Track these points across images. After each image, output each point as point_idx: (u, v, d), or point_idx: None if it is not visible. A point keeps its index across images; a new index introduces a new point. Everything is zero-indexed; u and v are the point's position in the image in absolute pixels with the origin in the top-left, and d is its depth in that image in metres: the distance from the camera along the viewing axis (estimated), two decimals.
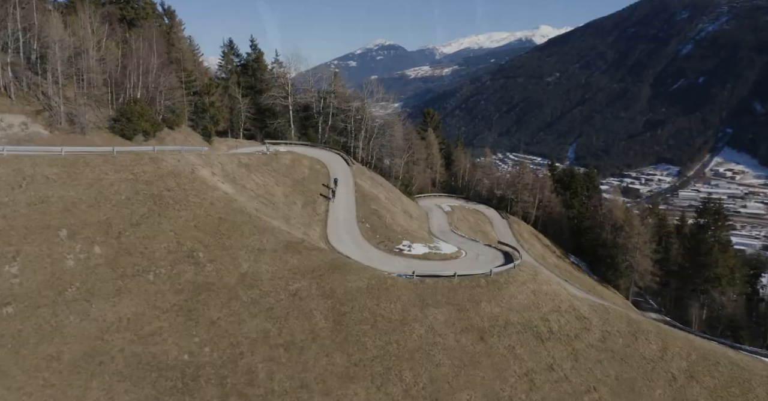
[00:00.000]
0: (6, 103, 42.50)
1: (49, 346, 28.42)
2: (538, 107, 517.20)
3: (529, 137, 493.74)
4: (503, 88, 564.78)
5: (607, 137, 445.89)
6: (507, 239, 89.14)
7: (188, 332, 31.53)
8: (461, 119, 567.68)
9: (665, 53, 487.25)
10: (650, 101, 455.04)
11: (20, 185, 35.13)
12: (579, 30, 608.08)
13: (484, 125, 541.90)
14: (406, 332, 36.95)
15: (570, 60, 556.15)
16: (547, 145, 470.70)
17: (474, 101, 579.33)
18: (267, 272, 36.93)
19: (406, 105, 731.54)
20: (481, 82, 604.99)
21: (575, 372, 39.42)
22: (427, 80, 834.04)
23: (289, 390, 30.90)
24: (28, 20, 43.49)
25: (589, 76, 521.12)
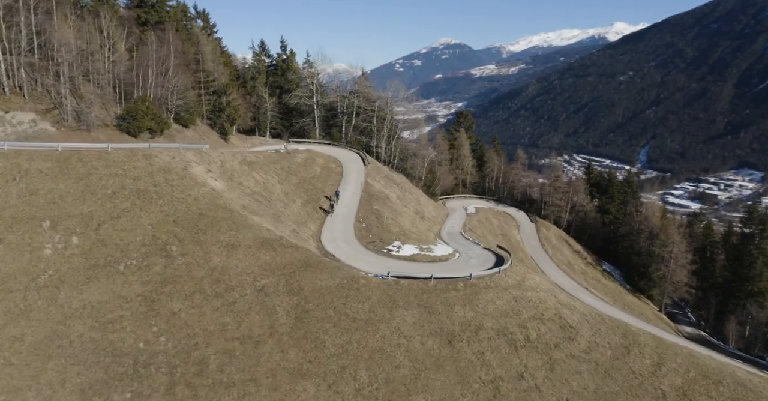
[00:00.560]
0: (19, 101, 45.81)
1: (15, 328, 30.57)
2: (608, 107, 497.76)
3: (598, 139, 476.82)
4: (572, 88, 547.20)
5: (684, 139, 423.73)
6: (532, 243, 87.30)
7: (147, 321, 33.01)
8: (526, 119, 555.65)
9: (751, 51, 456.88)
10: (732, 102, 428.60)
11: (14, 178, 37.87)
12: (656, 26, 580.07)
13: (549, 126, 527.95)
14: (370, 332, 37.03)
15: (645, 58, 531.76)
16: (616, 147, 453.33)
17: (540, 101, 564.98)
18: (236, 268, 38.03)
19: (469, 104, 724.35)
20: (549, 81, 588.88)
21: (548, 382, 38.20)
22: (492, 79, 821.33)
23: (237, 382, 31.76)
24: (43, 24, 46.63)
25: (665, 75, 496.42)
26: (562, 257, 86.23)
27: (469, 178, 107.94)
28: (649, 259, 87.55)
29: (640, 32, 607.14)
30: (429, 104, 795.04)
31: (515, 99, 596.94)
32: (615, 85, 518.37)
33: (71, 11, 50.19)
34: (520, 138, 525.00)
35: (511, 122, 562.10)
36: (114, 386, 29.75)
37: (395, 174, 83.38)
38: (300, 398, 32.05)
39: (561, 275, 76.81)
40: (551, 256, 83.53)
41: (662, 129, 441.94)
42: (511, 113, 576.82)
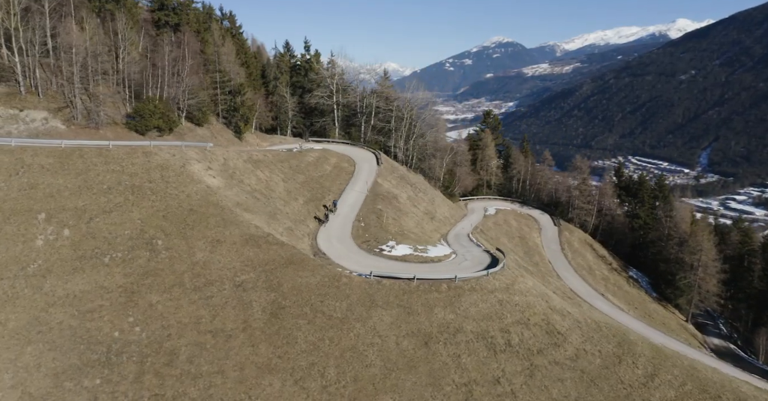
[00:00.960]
0: (34, 100, 48.52)
1: (0, 314, 32.52)
2: (667, 108, 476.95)
3: (655, 140, 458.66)
4: (628, 87, 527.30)
5: (749, 142, 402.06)
6: (552, 247, 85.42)
7: (125, 312, 34.45)
8: (579, 119, 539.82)
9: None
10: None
11: (17, 172, 40.21)
12: (722, 23, 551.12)
13: (604, 127, 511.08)
14: (344, 330, 37.35)
15: (709, 56, 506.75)
16: (675, 149, 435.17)
17: (595, 101, 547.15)
18: (218, 263, 39.11)
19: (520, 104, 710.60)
20: (605, 80, 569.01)
21: (526, 388, 37.52)
22: (545, 78, 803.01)
23: (204, 374, 32.74)
24: (57, 27, 49.18)
25: (730, 74, 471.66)
26: (583, 262, 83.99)
27: (494, 179, 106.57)
28: (676, 266, 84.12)
29: (705, 29, 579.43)
30: (479, 104, 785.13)
31: (568, 99, 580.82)
32: (675, 85, 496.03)
33: (87, 14, 52.55)
34: (572, 139, 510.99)
35: (564, 123, 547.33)
36: (86, 372, 31.24)
37: (412, 174, 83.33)
38: (265, 392, 32.72)
39: (577, 281, 74.87)
40: (570, 260, 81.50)
41: (726, 131, 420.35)
42: (563, 113, 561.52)
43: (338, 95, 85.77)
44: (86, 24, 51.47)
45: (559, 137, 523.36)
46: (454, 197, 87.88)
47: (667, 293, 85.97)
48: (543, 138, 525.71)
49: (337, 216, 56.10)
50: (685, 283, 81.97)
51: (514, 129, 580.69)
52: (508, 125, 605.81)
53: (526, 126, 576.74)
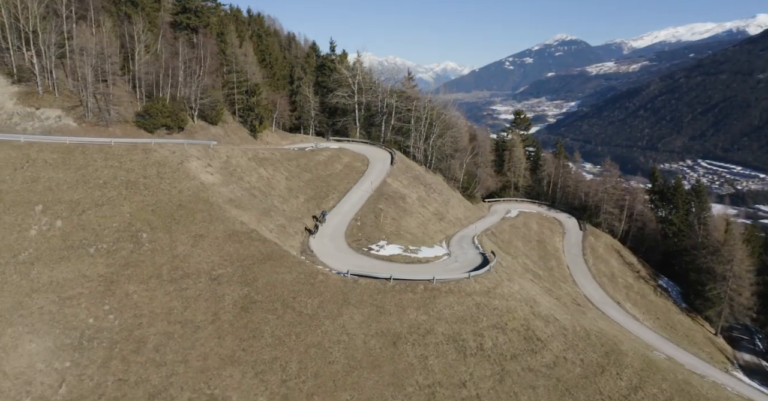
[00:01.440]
0: (50, 99, 51.82)
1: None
2: (742, 109, 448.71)
3: (728, 143, 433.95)
4: (700, 87, 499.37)
5: None
6: (573, 251, 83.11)
7: (102, 300, 36.40)
8: (645, 119, 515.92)
9: None
10: None
11: (22, 166, 43.15)
12: None
13: (672, 128, 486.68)
14: (312, 327, 38.00)
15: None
16: (751, 152, 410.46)
17: (662, 101, 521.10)
18: (198, 256, 40.60)
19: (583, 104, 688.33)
20: (674, 79, 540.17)
21: (493, 393, 37.02)
22: (610, 77, 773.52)
23: (168, 362, 34.18)
24: (72, 30, 52.30)
25: None
26: (605, 269, 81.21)
27: (521, 181, 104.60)
28: (707, 276, 79.98)
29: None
30: (538, 103, 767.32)
31: (634, 98, 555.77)
32: (752, 84, 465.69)
33: (104, 17, 55.51)
34: (637, 140, 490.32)
35: (628, 123, 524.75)
36: (57, 354, 33.28)
37: (430, 175, 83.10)
38: (224, 383, 33.82)
39: (593, 287, 72.53)
40: (590, 266, 79.00)
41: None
42: (628, 114, 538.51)
43: (360, 95, 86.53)
44: (102, 27, 54.38)
45: (623, 138, 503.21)
46: (473, 199, 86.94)
47: (697, 304, 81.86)
48: (605, 139, 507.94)
49: (336, 214, 56.84)
50: (714, 294, 77.85)
51: (574, 130, 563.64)
52: (569, 125, 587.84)
53: (588, 127, 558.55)
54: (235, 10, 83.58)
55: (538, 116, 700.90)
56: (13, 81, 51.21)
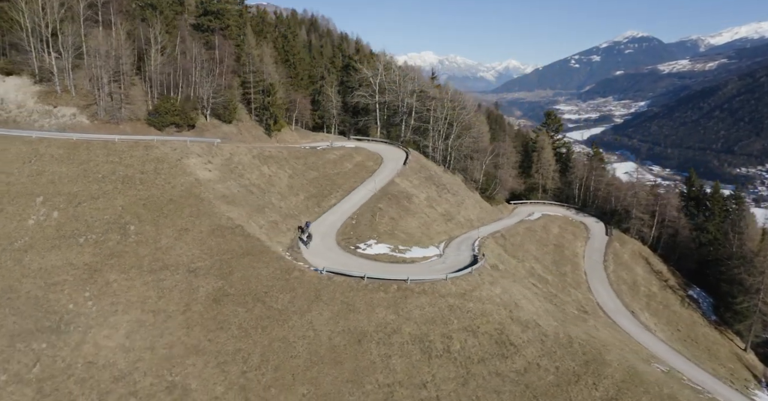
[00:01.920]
0: (67, 98, 55.30)
1: None
2: None
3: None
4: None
5: None
6: (594, 257, 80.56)
7: (83, 287, 38.69)
8: (721, 121, 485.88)
9: None
10: None
11: (30, 160, 46.39)
12: None
13: (750, 130, 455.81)
14: (280, 321, 38.96)
15: None
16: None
17: (741, 101, 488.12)
18: (180, 249, 42.39)
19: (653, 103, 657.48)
20: (755, 78, 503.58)
21: (454, 395, 36.84)
22: (684, 76, 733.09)
23: (136, 348, 35.99)
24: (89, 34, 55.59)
25: None
26: (627, 276, 78.18)
27: (550, 183, 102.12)
28: (738, 288, 75.64)
29: None
30: (605, 103, 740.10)
31: (709, 98, 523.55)
32: None
33: (122, 20, 58.62)
34: (711, 143, 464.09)
35: (702, 125, 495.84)
36: (36, 336, 35.71)
37: (448, 175, 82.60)
38: (185, 370, 35.28)
39: (609, 294, 70.05)
40: (609, 273, 76.26)
41: None
42: (702, 114, 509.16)
43: (381, 95, 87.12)
44: (119, 30, 57.48)
45: (695, 140, 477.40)
46: (493, 200, 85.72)
47: (726, 317, 77.59)
48: (676, 141, 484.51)
49: (334, 213, 57.67)
50: (744, 307, 73.54)
51: (642, 131, 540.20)
52: (637, 126, 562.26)
53: (657, 128, 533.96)
54: (261, 12, 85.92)
55: (603, 116, 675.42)
56: (35, 81, 54.96)
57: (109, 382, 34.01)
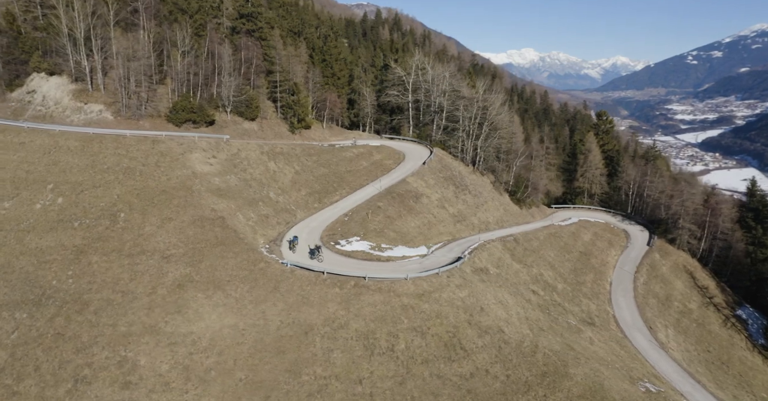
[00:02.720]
0: (97, 95, 60.96)
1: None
2: None
3: None
4: None
5: None
6: (626, 268, 76.28)
7: (68, 266, 42.94)
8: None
9: None
10: None
11: (49, 151, 51.90)
12: None
13: None
14: (234, 309, 41.04)
15: None
16: None
17: None
18: (160, 237, 45.72)
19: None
20: None
21: (389, 394, 37.15)
22: None
23: (101, 324, 39.50)
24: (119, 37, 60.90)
25: None
26: (660, 290, 73.07)
27: (597, 188, 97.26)
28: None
29: None
30: (726, 103, 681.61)
31: None
32: None
33: (151, 24, 63.59)
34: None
35: None
36: (20, 307, 40.26)
37: (474, 176, 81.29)
38: (138, 348, 38.26)
39: (630, 307, 66.02)
40: (638, 285, 71.66)
41: None
42: None
43: (414, 94, 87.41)
44: (149, 33, 62.46)
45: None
46: (523, 203, 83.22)
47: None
48: None
49: (332, 209, 59.10)
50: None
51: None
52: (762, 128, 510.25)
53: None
54: (302, 12, 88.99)
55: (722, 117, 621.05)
56: (72, 80, 61.10)
57: (71, 353, 37.68)
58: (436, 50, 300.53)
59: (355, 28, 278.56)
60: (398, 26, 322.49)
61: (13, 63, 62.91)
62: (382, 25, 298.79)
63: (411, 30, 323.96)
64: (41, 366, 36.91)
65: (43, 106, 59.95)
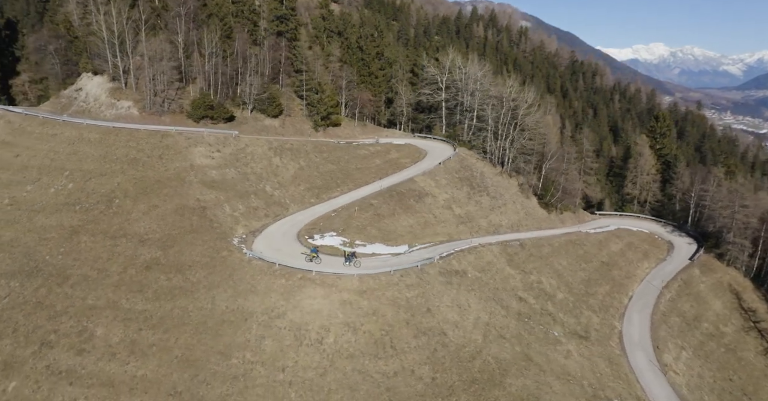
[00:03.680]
0: (128, 93, 67.46)
1: (4, 231, 50.13)
2: None
3: None
4: None
5: None
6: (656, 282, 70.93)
7: (62, 244, 48.46)
8: None
9: None
10: None
11: (73, 142, 58.54)
12: None
13: None
14: (188, 292, 44.24)
15: None
16: None
17: None
18: (143, 222, 50.14)
19: None
20: None
21: (307, 384, 38.67)
22: None
23: (74, 296, 44.22)
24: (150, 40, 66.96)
25: None
26: (690, 309, 67.11)
27: (649, 196, 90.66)
28: None
29: None
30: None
31: None
32: None
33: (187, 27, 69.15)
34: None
35: None
36: (15, 276, 46.16)
37: (500, 177, 79.20)
38: (99, 320, 42.53)
39: (644, 325, 61.40)
40: (663, 301, 66.27)
41: None
42: None
43: (447, 93, 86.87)
44: (180, 35, 68.06)
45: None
46: (552, 207, 79.77)
47: None
48: None
49: (326, 205, 60.85)
50: None
51: None
52: None
53: None
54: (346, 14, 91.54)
55: None
56: (110, 80, 68.14)
57: (44, 319, 42.75)
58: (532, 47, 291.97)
59: (448, 25, 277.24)
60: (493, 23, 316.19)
61: (68, 64, 71.48)
62: (477, 22, 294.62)
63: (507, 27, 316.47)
64: (19, 328, 42.24)
65: (85, 102, 67.44)
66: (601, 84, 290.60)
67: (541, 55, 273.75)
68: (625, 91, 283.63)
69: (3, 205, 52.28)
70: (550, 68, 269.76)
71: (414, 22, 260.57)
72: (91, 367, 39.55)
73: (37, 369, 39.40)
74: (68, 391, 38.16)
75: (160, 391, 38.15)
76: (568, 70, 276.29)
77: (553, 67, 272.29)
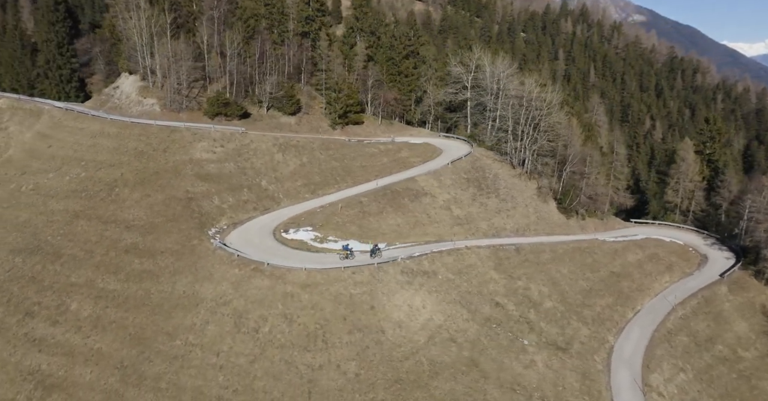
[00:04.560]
0: (154, 91, 73.11)
1: (19, 211, 56.50)
2: None
3: None
4: None
5: None
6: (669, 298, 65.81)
7: (63, 227, 53.86)
8: None
9: None
10: None
11: (95, 136, 64.61)
12: None
13: None
14: (155, 275, 47.93)
15: None
16: None
17: None
18: (133, 209, 54.58)
19: None
20: None
21: (237, 370, 40.75)
22: None
23: (61, 272, 49.27)
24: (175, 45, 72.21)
25: None
26: (706, 329, 61.78)
27: (692, 204, 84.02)
28: None
29: None
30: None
31: None
32: None
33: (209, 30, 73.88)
34: None
35: None
36: (20, 253, 52.02)
37: (516, 179, 76.83)
38: (75, 296, 47.06)
39: (642, 342, 57.51)
40: (672, 319, 61.52)
41: None
42: None
43: (472, 92, 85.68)
44: (200, 37, 72.88)
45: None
46: (572, 213, 76.30)
47: None
48: None
49: (318, 201, 62.54)
50: None
51: None
52: None
53: None
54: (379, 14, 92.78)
55: None
56: (141, 79, 74.20)
57: (32, 292, 47.94)
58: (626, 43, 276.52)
59: (535, 21, 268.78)
60: (584, 18, 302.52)
61: (110, 64, 78.48)
62: (565, 17, 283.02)
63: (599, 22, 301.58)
64: (12, 299, 47.81)
65: (119, 99, 74.03)
66: (703, 82, 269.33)
67: (635, 52, 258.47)
68: (731, 90, 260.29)
69: (27, 190, 58.94)
70: (645, 65, 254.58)
71: (499, 18, 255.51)
72: (59, 337, 44.09)
73: (17, 335, 44.50)
74: (36, 357, 42.87)
75: (109, 364, 41.90)
76: (665, 67, 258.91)
77: (648, 64, 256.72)
